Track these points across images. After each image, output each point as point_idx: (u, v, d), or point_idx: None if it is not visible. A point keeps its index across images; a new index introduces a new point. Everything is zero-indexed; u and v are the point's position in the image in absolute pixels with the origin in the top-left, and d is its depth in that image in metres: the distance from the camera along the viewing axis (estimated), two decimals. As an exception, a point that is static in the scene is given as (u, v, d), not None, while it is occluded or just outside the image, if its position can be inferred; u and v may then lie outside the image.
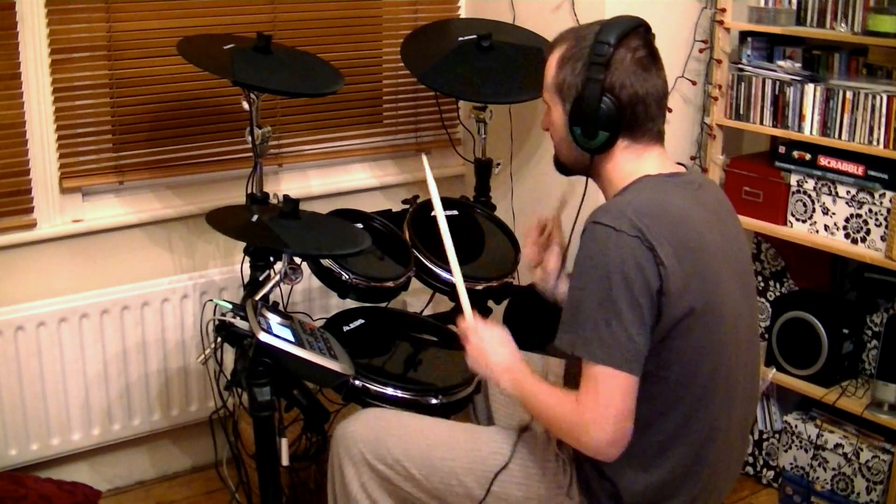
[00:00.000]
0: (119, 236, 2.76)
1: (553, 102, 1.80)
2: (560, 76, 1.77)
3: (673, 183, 1.75)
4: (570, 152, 1.82)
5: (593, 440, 1.63)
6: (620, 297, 1.59)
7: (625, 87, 1.71)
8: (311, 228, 2.31)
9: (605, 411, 1.61)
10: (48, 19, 2.52)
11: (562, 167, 1.89)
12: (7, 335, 2.56)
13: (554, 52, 1.79)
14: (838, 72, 2.68)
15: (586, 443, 1.64)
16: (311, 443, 2.41)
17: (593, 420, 1.62)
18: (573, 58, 1.75)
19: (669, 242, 1.62)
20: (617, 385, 1.61)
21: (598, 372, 1.61)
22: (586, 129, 1.74)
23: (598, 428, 1.62)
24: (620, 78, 1.71)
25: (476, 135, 2.92)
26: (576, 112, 1.75)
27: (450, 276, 2.52)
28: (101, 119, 2.66)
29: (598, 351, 1.60)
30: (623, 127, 1.74)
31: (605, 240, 1.62)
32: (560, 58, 1.77)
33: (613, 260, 1.60)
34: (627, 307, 1.59)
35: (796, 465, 2.82)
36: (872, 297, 2.75)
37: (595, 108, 1.71)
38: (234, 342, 2.08)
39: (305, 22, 2.92)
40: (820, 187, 2.68)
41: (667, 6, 2.87)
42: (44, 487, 2.44)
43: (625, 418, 1.62)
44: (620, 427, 1.62)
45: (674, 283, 1.61)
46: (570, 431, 1.67)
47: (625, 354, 1.60)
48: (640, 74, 1.72)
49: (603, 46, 1.70)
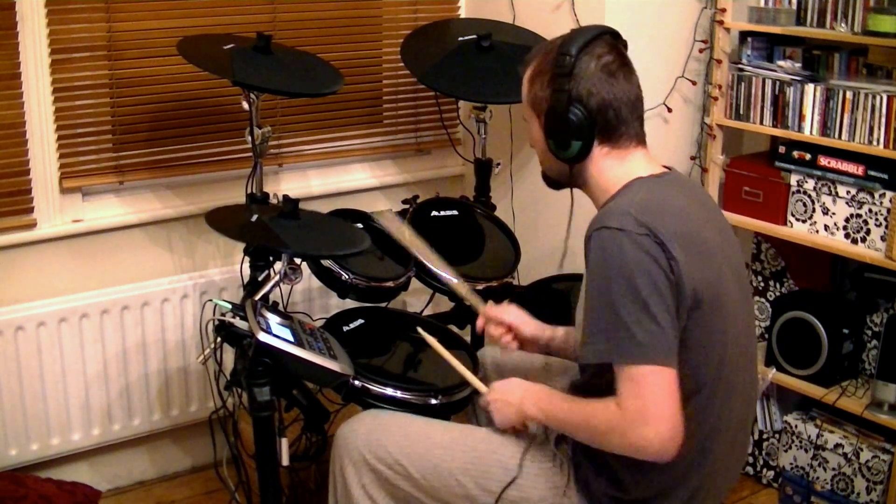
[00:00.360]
0: (119, 236, 2.76)
1: (530, 119, 1.83)
2: (532, 92, 1.80)
3: (664, 182, 1.77)
4: (551, 164, 1.84)
5: (651, 441, 1.59)
6: (647, 294, 1.59)
7: (592, 95, 1.72)
8: (311, 228, 2.31)
9: (653, 409, 1.58)
10: (48, 19, 2.52)
11: (550, 182, 1.90)
12: (7, 335, 2.56)
13: (527, 69, 1.82)
14: (838, 72, 2.68)
15: (642, 445, 1.60)
16: (311, 443, 2.41)
17: (643, 421, 1.59)
18: (541, 72, 1.77)
19: (676, 237, 1.63)
20: (660, 380, 1.59)
21: (638, 371, 1.59)
22: (559, 140, 1.76)
23: (651, 428, 1.58)
24: (586, 86, 1.72)
25: (476, 135, 2.92)
26: (548, 124, 1.77)
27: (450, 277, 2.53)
28: (101, 119, 2.66)
29: (634, 351, 1.59)
30: (597, 134, 1.75)
31: (617, 243, 1.62)
32: (531, 74, 1.80)
33: (631, 260, 1.60)
34: (655, 302, 1.59)
35: (796, 465, 2.82)
36: (872, 297, 2.75)
37: (564, 118, 1.73)
38: (234, 342, 2.08)
39: (305, 22, 2.92)
40: (820, 187, 2.68)
41: (667, 6, 2.87)
42: (44, 487, 2.44)
43: (675, 413, 1.59)
44: (676, 423, 1.59)
45: (685, 276, 1.61)
46: (619, 439, 1.63)
47: (660, 349, 1.59)
48: (606, 80, 1.73)
49: (564, 58, 1.72)
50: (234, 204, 2.62)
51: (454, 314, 2.74)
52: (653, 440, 1.59)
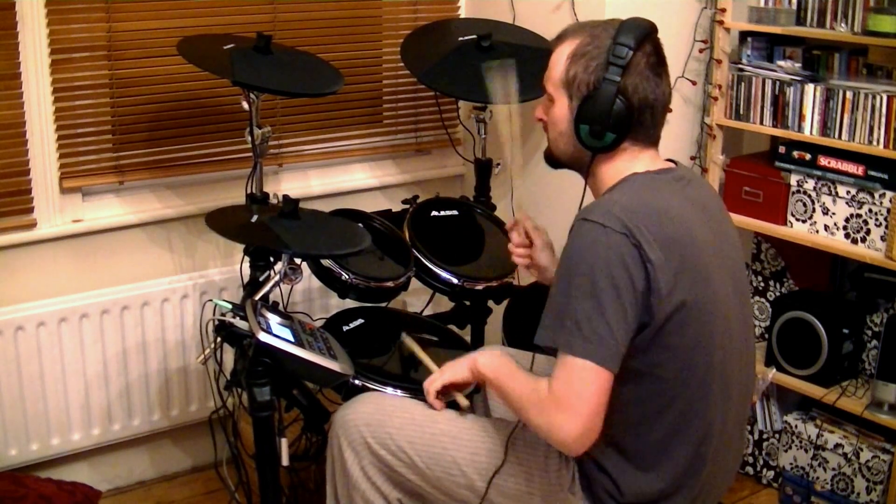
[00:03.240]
0: (119, 236, 2.76)
1: (559, 96, 1.78)
2: (571, 71, 1.75)
3: (661, 180, 1.76)
4: (568, 148, 1.81)
5: (562, 429, 1.61)
6: (604, 294, 1.59)
7: (637, 92, 1.72)
8: (310, 228, 2.31)
9: (578, 404, 1.60)
10: (48, 19, 2.52)
11: (554, 161, 1.89)
12: (7, 335, 2.56)
13: (562, 45, 1.77)
14: (838, 72, 2.68)
15: (554, 431, 1.63)
16: (311, 443, 2.41)
17: (563, 409, 1.61)
18: (587, 55, 1.73)
19: (656, 238, 1.62)
20: (594, 379, 1.60)
21: (575, 364, 1.60)
22: (594, 128, 1.73)
23: (568, 418, 1.60)
24: (635, 82, 1.71)
25: (476, 135, 2.91)
26: (585, 110, 1.74)
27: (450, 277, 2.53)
28: (101, 119, 2.66)
29: (578, 343, 1.60)
30: (630, 130, 1.74)
31: (593, 236, 1.62)
32: (572, 53, 1.75)
33: (600, 256, 1.60)
34: (610, 304, 1.59)
35: (796, 465, 2.82)
36: (872, 297, 2.75)
37: (607, 109, 1.71)
38: (234, 342, 2.08)
39: (305, 22, 2.92)
40: (820, 187, 2.68)
41: (667, 6, 2.87)
42: (44, 487, 2.44)
43: (597, 414, 1.61)
44: (591, 423, 1.61)
45: (662, 279, 1.60)
46: (537, 417, 1.66)
47: (605, 350, 1.59)
48: (652, 80, 1.73)
49: (623, 49, 1.69)
50: (235, 204, 2.62)
51: (454, 314, 2.74)
52: (565, 429, 1.61)
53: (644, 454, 1.71)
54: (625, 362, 1.63)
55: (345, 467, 1.96)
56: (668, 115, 1.83)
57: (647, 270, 1.60)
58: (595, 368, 1.59)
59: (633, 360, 1.65)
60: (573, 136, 1.78)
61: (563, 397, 1.61)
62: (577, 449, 1.64)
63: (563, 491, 1.81)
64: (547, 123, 1.84)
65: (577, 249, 1.64)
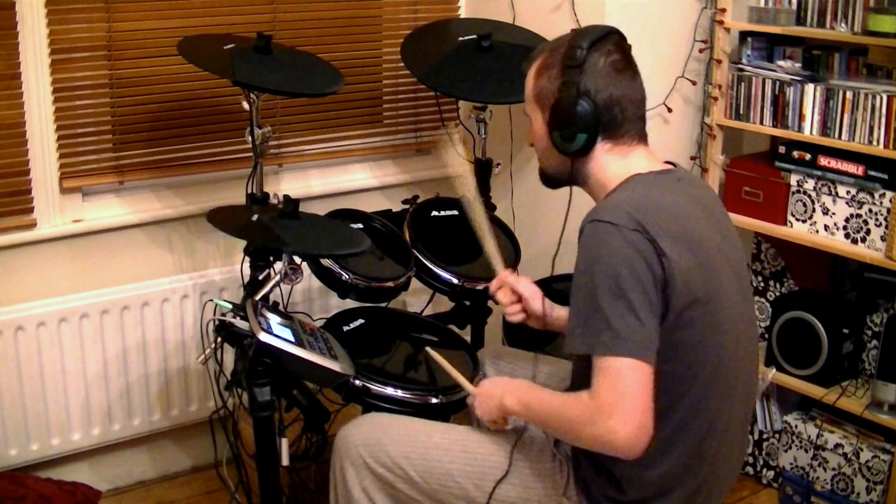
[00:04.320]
0: (119, 236, 2.76)
1: (534, 113, 1.83)
2: (538, 85, 1.80)
3: (664, 179, 1.77)
4: (553, 160, 1.84)
5: (618, 434, 1.56)
6: (630, 289, 1.59)
7: (600, 91, 1.73)
8: (311, 228, 2.31)
9: (626, 402, 1.57)
10: (48, 19, 2.52)
11: (548, 179, 1.90)
12: (7, 335, 2.56)
13: (532, 66, 1.83)
14: (838, 72, 2.69)
15: (610, 439, 1.57)
16: (311, 443, 2.41)
17: (614, 412, 1.57)
18: (549, 66, 1.78)
19: (669, 235, 1.62)
20: (636, 374, 1.57)
21: (614, 363, 1.58)
22: (564, 132, 1.76)
23: (620, 420, 1.56)
24: (595, 81, 1.73)
25: (476, 135, 2.92)
26: (554, 116, 1.77)
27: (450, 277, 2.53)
28: (101, 119, 2.66)
29: (613, 343, 1.58)
30: (601, 129, 1.75)
31: (608, 236, 1.62)
32: (537, 69, 1.81)
33: (619, 254, 1.60)
34: (638, 297, 1.59)
35: (796, 465, 2.82)
36: (872, 297, 2.75)
37: (572, 110, 1.74)
38: (234, 342, 2.08)
39: (305, 22, 2.92)
40: (820, 187, 2.68)
41: (667, 6, 2.87)
42: (44, 487, 2.44)
43: (648, 409, 1.58)
44: (646, 419, 1.57)
45: (677, 273, 1.61)
46: (589, 429, 1.61)
47: (640, 343, 1.58)
48: (614, 77, 1.75)
49: (576, 50, 1.73)
50: (235, 204, 2.62)
51: (454, 314, 2.74)
52: (621, 433, 1.56)
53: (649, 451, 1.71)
54: None
55: (346, 487, 1.97)
56: (668, 115, 1.83)
57: (663, 264, 1.60)
58: (636, 364, 1.57)
59: None
60: (552, 146, 1.80)
61: (612, 401, 1.57)
62: (638, 450, 1.58)
63: (558, 495, 1.81)
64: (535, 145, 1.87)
65: (593, 251, 1.64)
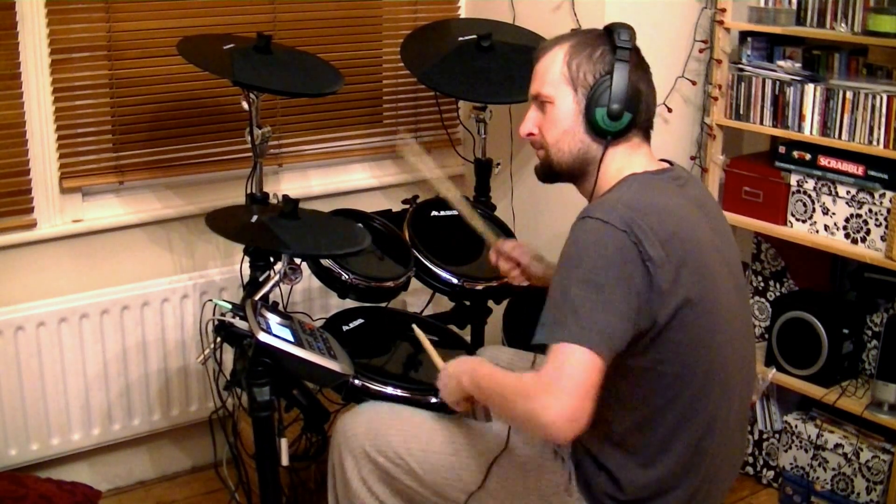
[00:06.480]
0: (119, 236, 2.76)
1: (560, 93, 1.78)
2: (572, 65, 1.76)
3: (660, 179, 1.77)
4: (573, 146, 1.79)
5: (549, 411, 1.51)
6: (600, 286, 1.57)
7: (638, 82, 1.76)
8: (310, 228, 2.31)
9: (566, 382, 1.52)
10: (48, 19, 2.52)
11: (551, 169, 1.85)
12: (7, 335, 2.56)
13: (549, 53, 1.79)
14: (838, 72, 2.68)
15: (539, 414, 1.52)
16: (311, 443, 2.41)
17: (551, 389, 1.52)
18: (588, 49, 1.76)
19: (657, 235, 1.62)
20: (586, 363, 1.54)
21: (568, 348, 1.55)
22: (612, 108, 1.73)
23: (555, 397, 1.51)
24: (636, 73, 1.76)
25: (476, 135, 2.91)
26: (599, 94, 1.74)
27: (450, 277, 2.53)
28: (101, 119, 2.66)
29: (574, 331, 1.55)
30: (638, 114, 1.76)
31: (593, 233, 1.62)
32: (568, 52, 1.77)
33: (598, 251, 1.60)
34: (612, 296, 1.57)
35: (796, 465, 2.82)
36: (872, 297, 2.75)
37: (624, 88, 1.73)
38: (234, 342, 2.08)
39: (305, 22, 2.92)
40: (820, 187, 2.68)
41: (667, 6, 2.87)
42: (44, 487, 2.44)
43: (587, 395, 1.52)
44: (581, 404, 1.52)
45: (662, 276, 1.60)
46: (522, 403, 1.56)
47: (598, 336, 1.55)
48: (642, 73, 1.78)
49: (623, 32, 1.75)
50: (234, 204, 2.62)
51: (454, 314, 2.74)
52: (551, 411, 1.51)
53: (647, 450, 1.71)
54: (628, 360, 1.63)
55: (345, 477, 1.97)
56: (668, 115, 1.84)
57: (646, 268, 1.59)
58: (589, 353, 1.54)
59: (637, 358, 1.64)
60: (581, 128, 1.77)
61: (553, 380, 1.53)
62: (564, 434, 1.52)
63: (559, 490, 1.81)
64: (541, 134, 1.83)
65: (575, 245, 1.63)
